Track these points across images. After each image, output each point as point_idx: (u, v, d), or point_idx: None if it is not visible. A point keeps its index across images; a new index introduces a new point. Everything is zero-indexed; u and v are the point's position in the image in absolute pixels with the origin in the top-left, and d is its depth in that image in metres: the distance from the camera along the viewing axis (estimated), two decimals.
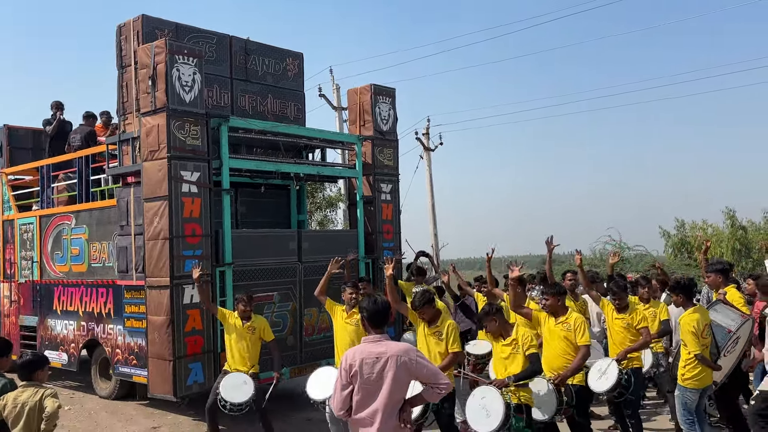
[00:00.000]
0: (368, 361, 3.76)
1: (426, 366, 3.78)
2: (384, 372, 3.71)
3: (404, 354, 3.74)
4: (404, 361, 3.71)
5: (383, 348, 3.78)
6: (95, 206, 9.59)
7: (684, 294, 6.40)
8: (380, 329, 3.90)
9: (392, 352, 3.74)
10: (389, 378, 3.70)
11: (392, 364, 3.71)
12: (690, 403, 6.23)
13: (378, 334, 3.88)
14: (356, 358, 3.81)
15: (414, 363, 3.73)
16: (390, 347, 3.78)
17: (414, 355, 3.77)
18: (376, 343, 3.84)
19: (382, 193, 10.35)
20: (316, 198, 20.74)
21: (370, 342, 3.87)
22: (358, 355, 3.82)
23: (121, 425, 8.54)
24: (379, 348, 3.79)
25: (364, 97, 10.38)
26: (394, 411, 3.73)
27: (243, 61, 9.84)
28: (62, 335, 10.23)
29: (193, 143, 7.94)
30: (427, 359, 3.88)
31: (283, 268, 8.94)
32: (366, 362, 3.76)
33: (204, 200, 8.02)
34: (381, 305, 3.95)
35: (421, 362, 3.76)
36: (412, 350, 3.82)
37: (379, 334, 3.88)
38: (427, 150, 24.21)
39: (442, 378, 3.78)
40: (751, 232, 22.90)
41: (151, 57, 7.87)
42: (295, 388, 9.91)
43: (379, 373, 3.72)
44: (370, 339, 3.89)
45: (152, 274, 7.91)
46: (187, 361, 7.77)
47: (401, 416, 3.73)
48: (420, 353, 3.84)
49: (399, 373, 3.71)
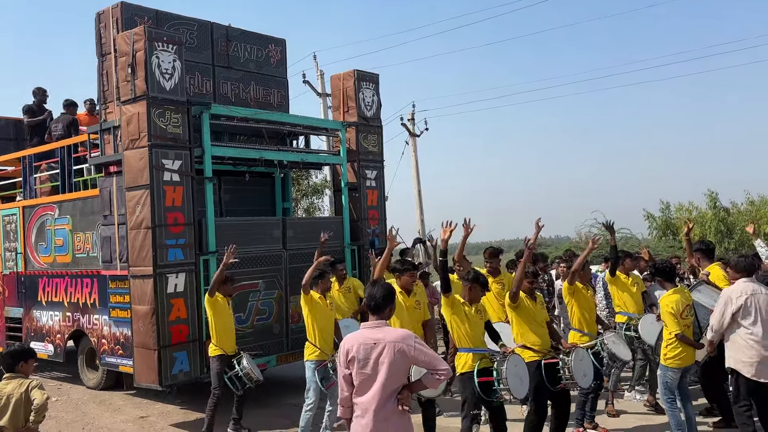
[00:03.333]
0: (365, 347, 3.75)
1: (425, 352, 3.76)
2: (381, 358, 3.71)
3: (402, 341, 3.74)
4: (401, 348, 3.71)
5: (381, 334, 3.77)
6: (78, 196, 9.53)
7: (662, 277, 6.52)
8: (380, 315, 3.90)
9: (390, 339, 3.74)
10: (386, 364, 3.69)
11: (389, 350, 3.70)
12: (671, 382, 6.34)
13: (378, 319, 3.88)
14: (354, 343, 3.81)
15: (412, 349, 3.72)
16: (388, 333, 3.78)
17: (412, 341, 3.75)
18: (374, 329, 3.83)
19: (367, 180, 10.34)
20: (301, 185, 20.69)
21: (368, 328, 3.86)
22: (356, 340, 3.82)
23: (109, 415, 8.55)
24: (378, 334, 3.78)
25: (347, 83, 10.33)
26: (392, 397, 3.73)
27: (224, 48, 9.76)
28: (48, 326, 10.19)
29: (174, 131, 7.89)
30: (426, 345, 3.88)
31: (268, 255, 8.93)
32: (363, 348, 3.75)
33: (186, 189, 7.97)
34: (384, 292, 3.93)
35: (420, 348, 3.75)
36: (411, 337, 3.80)
37: (379, 320, 3.88)
38: (413, 136, 24.16)
39: (442, 364, 3.77)
40: (734, 213, 23.10)
41: (130, 44, 7.79)
42: (283, 375, 9.95)
43: (376, 359, 3.72)
44: (369, 325, 3.88)
45: (135, 263, 7.88)
46: (172, 350, 7.76)
47: (400, 399, 3.74)
48: (419, 340, 3.82)
49: (396, 359, 3.70)
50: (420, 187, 24.44)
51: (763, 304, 5.90)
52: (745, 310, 5.91)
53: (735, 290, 6.03)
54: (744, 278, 6.04)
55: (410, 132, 24.45)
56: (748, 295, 5.92)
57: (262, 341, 8.82)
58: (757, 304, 5.90)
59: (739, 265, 6.11)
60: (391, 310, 3.99)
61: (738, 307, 5.93)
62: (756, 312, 5.89)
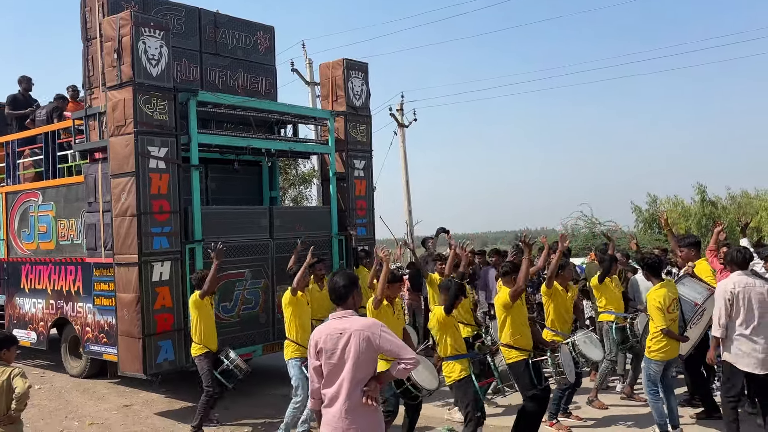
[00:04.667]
0: (332, 337, 3.73)
1: (390, 341, 3.74)
2: (347, 347, 3.69)
3: (367, 329, 3.72)
4: (367, 336, 3.69)
5: (347, 324, 3.76)
6: (62, 183, 9.42)
7: (650, 271, 6.53)
8: (344, 305, 3.88)
9: (355, 328, 3.72)
10: (352, 353, 3.68)
11: (355, 339, 3.69)
12: (654, 375, 6.39)
13: (344, 309, 3.86)
14: (321, 335, 3.80)
15: (378, 338, 3.71)
16: (354, 323, 3.76)
17: (378, 329, 3.74)
18: (340, 319, 3.81)
19: (355, 170, 10.30)
20: (289, 175, 20.61)
21: (335, 318, 3.85)
22: (323, 332, 3.80)
23: (92, 403, 8.49)
24: (343, 324, 3.76)
25: (336, 72, 10.26)
26: (359, 386, 3.72)
27: (212, 35, 9.66)
28: (31, 314, 10.09)
29: (160, 118, 7.80)
30: (393, 334, 3.85)
31: (254, 245, 8.87)
32: (330, 338, 3.74)
33: (172, 176, 7.89)
34: (336, 283, 3.90)
35: (386, 337, 3.73)
36: (377, 325, 3.79)
37: (345, 310, 3.86)
38: (401, 126, 24.12)
39: (408, 353, 3.75)
40: (720, 208, 23.31)
41: (116, 29, 7.67)
42: (268, 365, 9.93)
43: (343, 348, 3.70)
44: (336, 315, 3.87)
45: (120, 251, 7.80)
46: (156, 339, 7.70)
47: (366, 392, 3.72)
48: (385, 328, 3.80)
49: (362, 347, 3.68)
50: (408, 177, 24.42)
51: (755, 296, 5.92)
52: (736, 302, 5.94)
53: (728, 282, 6.05)
54: (738, 271, 6.07)
55: (399, 122, 24.38)
56: (741, 288, 5.95)
57: (248, 331, 8.78)
58: (748, 297, 5.91)
59: (734, 258, 6.14)
60: (355, 299, 3.92)
61: (731, 299, 5.96)
62: (747, 304, 5.91)
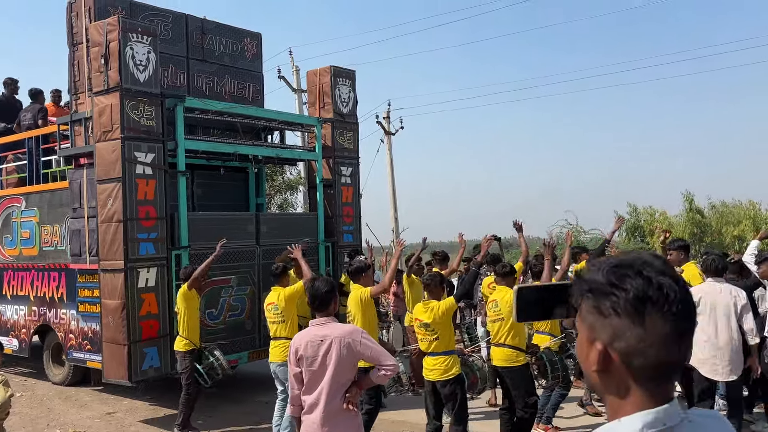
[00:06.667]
0: (313, 344, 3.75)
1: (371, 347, 3.76)
2: (328, 354, 3.70)
3: (348, 335, 3.74)
4: (348, 343, 3.71)
5: (328, 330, 3.77)
6: (47, 188, 9.34)
7: None
8: (326, 311, 3.89)
9: (336, 335, 3.73)
10: (333, 360, 3.69)
11: (336, 346, 3.70)
12: None
13: (324, 317, 3.87)
14: (302, 342, 3.81)
15: (358, 344, 3.73)
16: (335, 329, 3.77)
17: (359, 336, 3.77)
18: (321, 326, 3.82)
19: (342, 176, 10.31)
20: (276, 181, 20.57)
21: (315, 325, 3.86)
22: (304, 338, 3.82)
23: (75, 411, 8.40)
24: (324, 330, 3.78)
25: (323, 79, 10.28)
26: (340, 392, 3.73)
27: (199, 41, 9.65)
28: (12, 320, 9.97)
29: (147, 124, 7.77)
30: (373, 340, 3.87)
31: (241, 251, 8.85)
32: (311, 345, 3.75)
33: (159, 182, 7.86)
34: (318, 289, 3.92)
35: (366, 343, 3.75)
36: (357, 331, 3.82)
37: (326, 317, 3.87)
38: (388, 134, 24.20)
39: (388, 359, 3.78)
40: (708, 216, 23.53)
41: (104, 35, 7.65)
42: (254, 372, 9.88)
43: (324, 355, 3.71)
44: (316, 322, 3.88)
45: (106, 257, 7.75)
46: (142, 346, 7.65)
47: (346, 398, 3.73)
48: (366, 334, 3.83)
49: (343, 354, 3.70)
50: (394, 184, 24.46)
51: (721, 303, 5.93)
52: (701, 309, 5.96)
53: (696, 290, 6.11)
54: (711, 278, 6.15)
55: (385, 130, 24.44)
56: (705, 294, 5.98)
57: (234, 337, 8.74)
58: (712, 304, 5.94)
59: (706, 265, 6.22)
60: (336, 305, 3.95)
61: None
62: (710, 311, 5.92)
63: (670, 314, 1.17)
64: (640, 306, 1.17)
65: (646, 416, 1.18)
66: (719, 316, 5.95)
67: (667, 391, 1.21)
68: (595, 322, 1.22)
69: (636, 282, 1.18)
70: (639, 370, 1.18)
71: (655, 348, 1.17)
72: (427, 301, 5.97)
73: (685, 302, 1.19)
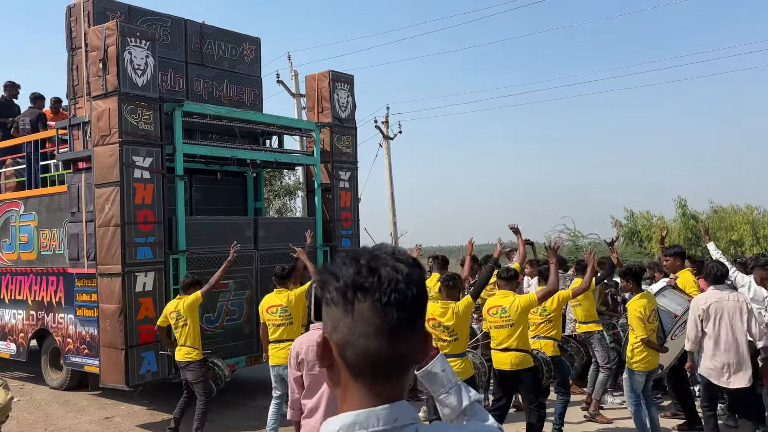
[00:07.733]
0: (313, 348, 3.76)
1: None
2: None
3: None
4: None
5: None
6: (45, 192, 9.35)
7: (634, 280, 6.58)
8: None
9: None
10: None
11: None
12: (636, 385, 6.43)
13: None
14: (303, 345, 3.81)
15: None
16: None
17: None
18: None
19: (341, 181, 10.31)
20: (274, 186, 20.58)
21: (316, 329, 3.87)
22: (305, 342, 3.82)
23: (72, 416, 8.38)
24: None
25: (322, 84, 10.30)
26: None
27: (198, 45, 9.67)
28: (10, 325, 9.96)
29: (145, 128, 7.78)
30: None
31: (239, 255, 8.79)
32: (312, 349, 3.74)
33: (157, 186, 7.87)
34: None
35: None
36: None
37: None
38: (386, 138, 24.24)
39: None
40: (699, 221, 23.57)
41: (102, 39, 7.67)
42: (252, 377, 9.87)
43: None
44: (317, 326, 3.88)
45: (103, 261, 7.75)
46: (139, 350, 7.64)
47: None
48: None
49: None
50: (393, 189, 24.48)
51: (728, 311, 5.95)
52: (707, 317, 6.00)
53: (701, 298, 6.13)
54: (713, 286, 6.15)
55: (384, 135, 24.47)
56: (712, 303, 6.01)
57: (232, 342, 8.74)
58: (719, 312, 5.96)
59: (709, 273, 6.21)
60: None
61: (701, 315, 6.03)
62: (718, 319, 5.96)
63: (379, 304, 1.08)
64: (351, 294, 1.09)
65: (355, 416, 1.10)
66: (726, 323, 5.95)
67: (391, 391, 1.12)
68: (324, 314, 1.16)
69: (349, 270, 1.11)
70: (352, 363, 1.10)
71: (363, 339, 1.08)
72: (445, 301, 5.91)
73: (401, 292, 1.09)
